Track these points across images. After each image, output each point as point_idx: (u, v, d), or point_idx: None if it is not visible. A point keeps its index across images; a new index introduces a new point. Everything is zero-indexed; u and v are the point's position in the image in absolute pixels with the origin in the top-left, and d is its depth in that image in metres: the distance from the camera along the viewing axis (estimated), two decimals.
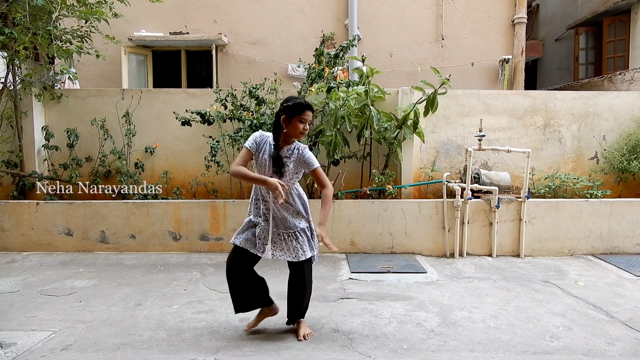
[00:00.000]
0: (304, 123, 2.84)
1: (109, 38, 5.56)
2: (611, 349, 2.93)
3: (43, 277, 4.30)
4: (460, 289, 4.03)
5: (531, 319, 3.37)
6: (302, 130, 2.84)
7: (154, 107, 5.83)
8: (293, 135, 2.87)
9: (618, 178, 5.88)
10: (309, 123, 2.90)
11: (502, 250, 5.12)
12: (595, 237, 5.16)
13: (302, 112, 2.81)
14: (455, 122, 5.85)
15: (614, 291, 3.99)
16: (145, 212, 5.17)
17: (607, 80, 8.71)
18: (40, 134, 5.67)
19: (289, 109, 2.82)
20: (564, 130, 5.92)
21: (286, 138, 2.90)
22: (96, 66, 8.09)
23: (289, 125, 2.83)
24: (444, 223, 5.08)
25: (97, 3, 5.27)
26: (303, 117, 2.82)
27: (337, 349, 2.90)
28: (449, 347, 2.93)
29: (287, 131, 2.86)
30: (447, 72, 5.97)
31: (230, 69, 8.56)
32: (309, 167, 2.91)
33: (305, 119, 2.83)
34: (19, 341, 2.97)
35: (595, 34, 10.42)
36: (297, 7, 8.49)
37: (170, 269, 4.56)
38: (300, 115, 2.81)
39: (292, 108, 2.81)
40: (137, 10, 6.47)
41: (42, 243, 5.20)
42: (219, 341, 3.00)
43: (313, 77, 5.29)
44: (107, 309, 3.53)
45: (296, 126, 2.82)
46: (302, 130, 2.84)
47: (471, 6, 8.46)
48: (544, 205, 5.13)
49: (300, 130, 2.84)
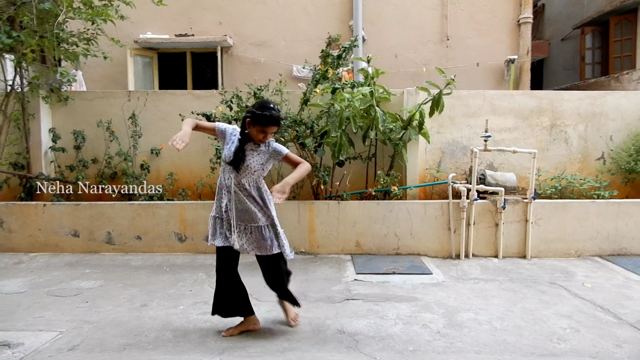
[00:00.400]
0: (265, 134, 2.91)
1: (115, 41, 5.60)
2: (619, 351, 2.90)
3: (50, 278, 4.33)
4: (466, 291, 4.02)
5: (538, 321, 3.35)
6: (261, 139, 2.93)
7: (160, 108, 5.85)
8: (253, 138, 2.95)
9: (625, 179, 5.84)
10: (272, 134, 2.98)
11: (508, 252, 5.09)
12: (602, 238, 5.12)
13: (266, 125, 2.87)
14: (460, 122, 5.83)
15: (622, 293, 3.96)
16: (150, 214, 5.19)
17: (614, 80, 8.66)
18: (47, 135, 5.71)
19: (255, 117, 2.88)
20: (570, 131, 5.89)
21: (251, 137, 2.98)
22: (102, 68, 8.14)
23: (251, 129, 2.92)
24: (450, 224, 5.06)
25: (103, 6, 5.31)
26: (265, 129, 2.88)
27: (342, 350, 2.89)
28: (455, 349, 2.92)
29: (249, 134, 2.95)
30: (452, 73, 5.96)
31: (235, 71, 8.59)
32: (279, 154, 3.01)
33: (267, 131, 2.90)
34: (27, 341, 2.99)
35: (601, 33, 10.36)
36: (302, 8, 8.51)
37: (176, 270, 4.57)
38: (262, 127, 2.87)
39: (258, 117, 2.86)
40: (143, 13, 6.51)
41: (48, 244, 5.23)
42: (225, 342, 3.00)
43: (318, 78, 5.29)
44: (113, 310, 3.55)
45: (256, 134, 2.91)
46: (261, 138, 2.93)
47: (476, 6, 8.44)
48: (551, 206, 5.10)
49: (260, 138, 2.93)
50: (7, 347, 2.91)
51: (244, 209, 2.98)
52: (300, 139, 5.05)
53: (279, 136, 4.92)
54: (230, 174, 2.97)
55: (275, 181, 5.42)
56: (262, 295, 3.83)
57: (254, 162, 2.95)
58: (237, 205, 2.98)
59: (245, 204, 2.97)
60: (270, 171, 5.59)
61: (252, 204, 2.98)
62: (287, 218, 5.11)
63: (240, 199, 2.97)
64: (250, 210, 2.98)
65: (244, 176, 2.95)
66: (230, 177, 2.98)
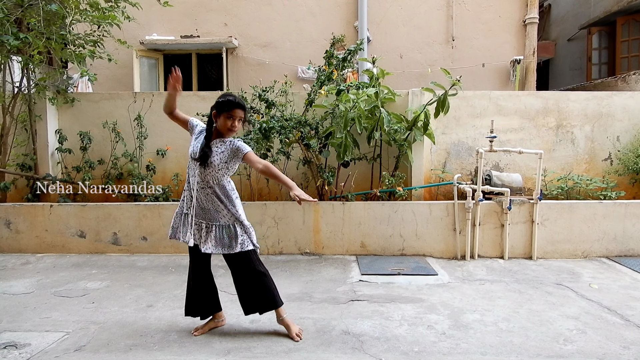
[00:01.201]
0: (233, 119, 2.89)
1: (121, 42, 5.63)
2: (626, 352, 2.88)
3: (57, 279, 4.35)
4: (472, 292, 4.00)
5: (544, 322, 3.34)
6: (230, 127, 2.91)
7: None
8: (222, 130, 2.93)
9: (632, 179, 5.79)
10: (240, 120, 2.94)
11: (514, 253, 5.07)
12: (610, 239, 5.09)
13: (230, 109, 2.87)
14: (466, 123, 5.81)
15: (629, 294, 3.93)
16: (156, 214, 5.22)
17: (621, 80, 8.59)
18: (53, 137, 5.74)
19: (219, 105, 2.90)
20: (576, 131, 5.85)
21: (218, 133, 2.97)
22: (108, 70, 8.18)
23: (218, 120, 2.92)
24: (455, 225, 5.05)
25: (109, 7, 5.33)
26: (231, 113, 2.88)
27: (347, 351, 2.89)
28: (461, 350, 2.91)
29: (217, 126, 2.94)
30: (458, 73, 5.94)
31: (241, 72, 8.61)
32: (240, 152, 2.94)
33: (234, 115, 2.89)
34: (34, 342, 3.01)
35: (608, 33, 10.30)
36: (307, 9, 8.51)
37: (182, 271, 4.58)
38: (228, 112, 2.87)
39: (221, 105, 2.88)
40: (149, 14, 6.55)
41: (55, 245, 5.26)
42: (230, 343, 3.01)
43: (322, 79, 5.29)
44: (120, 310, 3.56)
45: (224, 122, 2.89)
46: (229, 126, 2.91)
47: (482, 7, 8.41)
48: (557, 207, 5.07)
49: (229, 127, 2.91)
50: (14, 347, 2.93)
51: (206, 207, 2.98)
52: (304, 139, 5.06)
53: (284, 137, 4.93)
54: (195, 171, 2.96)
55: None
56: None
57: (217, 159, 2.92)
58: (199, 202, 2.98)
59: (208, 202, 2.97)
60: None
61: (216, 202, 2.97)
62: (292, 219, 5.12)
63: (203, 197, 2.97)
64: (213, 209, 2.97)
65: (209, 173, 2.93)
66: (195, 173, 2.96)
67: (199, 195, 2.98)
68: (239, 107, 2.90)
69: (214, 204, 2.98)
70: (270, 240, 5.16)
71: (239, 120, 2.94)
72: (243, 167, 5.64)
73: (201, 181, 2.95)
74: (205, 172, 2.93)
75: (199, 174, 2.94)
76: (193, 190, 2.98)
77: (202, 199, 2.98)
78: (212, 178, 2.95)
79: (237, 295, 3.16)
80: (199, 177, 2.95)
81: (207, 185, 2.96)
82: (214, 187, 2.96)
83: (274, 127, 4.84)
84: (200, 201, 2.99)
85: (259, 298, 3.10)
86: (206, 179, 2.95)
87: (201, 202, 2.99)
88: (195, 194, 2.98)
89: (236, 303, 3.64)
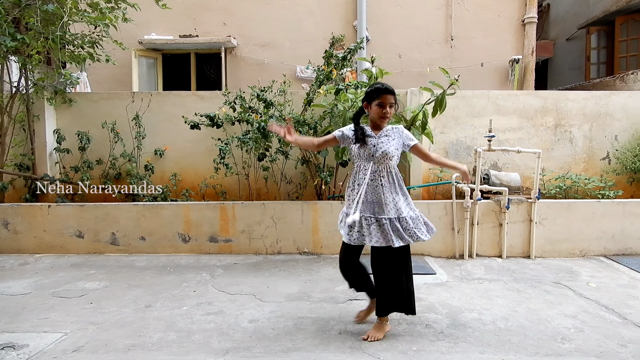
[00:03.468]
0: (384, 106, 2.93)
1: (118, 44, 5.62)
2: (624, 351, 2.89)
3: (55, 279, 4.35)
4: (470, 291, 4.01)
5: (542, 321, 3.34)
6: (382, 114, 2.94)
7: (164, 110, 5.88)
8: (375, 120, 2.99)
9: (630, 178, 5.80)
10: (391, 106, 2.96)
11: (513, 252, 5.07)
12: (608, 238, 5.09)
13: (379, 95, 2.92)
14: (464, 122, 5.82)
15: (627, 293, 3.94)
16: (155, 214, 5.21)
17: (620, 80, 8.60)
18: (52, 137, 5.74)
19: (369, 95, 2.97)
20: (575, 131, 5.86)
21: (374, 125, 3.04)
22: (107, 69, 8.17)
23: (370, 110, 2.98)
24: (454, 224, 5.05)
25: (109, 8, 5.33)
26: (382, 101, 2.92)
27: (346, 351, 2.89)
28: (459, 349, 2.91)
29: (371, 117, 3.01)
30: (457, 73, 5.93)
31: (240, 71, 8.61)
32: (410, 140, 3.04)
33: (384, 102, 2.93)
34: (32, 343, 3.01)
35: (607, 33, 10.31)
36: (306, 9, 8.51)
37: (180, 271, 4.59)
38: (378, 99, 2.93)
39: (371, 93, 2.95)
40: (148, 14, 6.53)
41: (54, 245, 5.26)
42: (228, 342, 3.01)
43: (321, 79, 5.29)
44: (118, 311, 3.56)
45: (377, 111, 2.95)
46: (382, 114, 2.94)
47: (481, 6, 8.42)
48: (555, 206, 5.08)
49: (382, 114, 2.94)
50: (12, 348, 2.92)
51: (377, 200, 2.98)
52: None
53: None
54: (366, 166, 2.99)
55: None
56: (266, 296, 3.85)
57: (389, 147, 2.97)
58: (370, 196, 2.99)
59: (381, 194, 2.97)
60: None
61: (390, 193, 2.99)
62: (291, 218, 5.12)
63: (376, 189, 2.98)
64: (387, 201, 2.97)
65: (381, 163, 2.97)
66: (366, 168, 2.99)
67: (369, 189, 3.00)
68: (387, 92, 2.93)
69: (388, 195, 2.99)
70: (269, 239, 5.16)
71: (390, 106, 2.96)
72: (241, 167, 5.64)
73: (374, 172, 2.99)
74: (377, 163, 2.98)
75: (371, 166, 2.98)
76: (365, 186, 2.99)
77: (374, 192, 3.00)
78: (385, 168, 3.00)
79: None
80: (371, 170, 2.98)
81: (380, 176, 2.99)
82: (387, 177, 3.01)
83: None
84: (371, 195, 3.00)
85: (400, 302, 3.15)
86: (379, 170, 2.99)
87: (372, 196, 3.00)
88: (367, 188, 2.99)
89: (234, 303, 3.66)
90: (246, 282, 4.21)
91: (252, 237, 5.16)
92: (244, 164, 5.63)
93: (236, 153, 5.53)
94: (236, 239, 5.17)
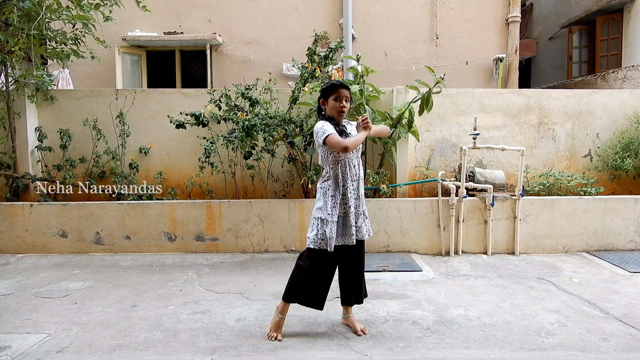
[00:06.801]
0: (340, 100, 2.96)
1: (99, 42, 5.53)
2: (605, 344, 2.95)
3: (38, 279, 4.28)
4: (456, 287, 4.05)
5: (526, 316, 3.39)
6: (339, 108, 2.97)
7: (149, 107, 5.81)
8: (334, 115, 3.00)
9: (611, 175, 5.91)
10: (347, 100, 3.00)
11: (497, 248, 5.14)
12: (590, 234, 5.19)
13: (334, 90, 2.96)
14: (450, 120, 5.86)
15: (608, 287, 4.02)
16: (140, 213, 5.16)
17: (601, 79, 8.76)
18: (33, 135, 5.63)
19: (324, 91, 3.01)
20: (557, 129, 5.95)
21: (331, 120, 3.05)
22: (90, 66, 8.06)
23: (327, 106, 3.01)
24: (440, 221, 5.09)
25: (93, 5, 5.22)
26: (338, 96, 2.96)
27: (333, 348, 2.90)
28: (445, 345, 2.94)
29: (328, 112, 3.03)
30: (442, 71, 6.00)
31: (225, 69, 8.55)
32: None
33: (340, 95, 2.95)
34: (14, 344, 2.96)
35: (588, 32, 10.49)
36: (292, 6, 8.49)
37: (166, 270, 4.55)
38: (334, 94, 2.96)
39: (326, 90, 2.99)
40: (131, 11, 6.44)
41: (36, 245, 5.17)
42: (216, 341, 2.99)
43: (306, 77, 5.27)
44: (103, 311, 3.52)
45: (333, 106, 2.98)
46: (339, 108, 2.97)
47: (465, 5, 8.49)
48: (539, 202, 5.15)
49: (339, 108, 2.97)
50: None
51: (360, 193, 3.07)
52: (289, 137, 5.04)
53: (268, 135, 4.91)
54: (354, 162, 3.03)
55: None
56: (253, 294, 3.84)
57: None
58: (356, 193, 3.04)
59: (361, 188, 3.07)
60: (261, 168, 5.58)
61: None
62: (278, 217, 5.10)
63: (359, 186, 3.06)
64: (362, 192, 3.08)
65: (355, 157, 3.03)
66: (354, 164, 3.04)
67: (357, 185, 3.05)
68: (343, 87, 2.96)
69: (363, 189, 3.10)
70: (256, 238, 5.14)
71: (346, 100, 2.99)
72: (227, 165, 5.61)
73: (358, 170, 3.05)
74: (353, 156, 3.03)
75: (357, 164, 3.06)
76: (351, 185, 2.99)
77: (359, 189, 3.06)
78: (358, 162, 3.09)
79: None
80: (356, 169, 3.04)
81: (359, 172, 3.07)
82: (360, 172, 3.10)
83: (257, 124, 4.80)
84: (358, 191, 3.05)
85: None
86: (356, 165, 3.06)
87: (358, 192, 3.05)
88: (355, 185, 3.03)
89: (221, 302, 3.64)
90: (233, 281, 4.19)
91: (238, 236, 5.14)
92: (230, 162, 5.60)
93: (222, 151, 5.50)
94: (223, 238, 5.14)
